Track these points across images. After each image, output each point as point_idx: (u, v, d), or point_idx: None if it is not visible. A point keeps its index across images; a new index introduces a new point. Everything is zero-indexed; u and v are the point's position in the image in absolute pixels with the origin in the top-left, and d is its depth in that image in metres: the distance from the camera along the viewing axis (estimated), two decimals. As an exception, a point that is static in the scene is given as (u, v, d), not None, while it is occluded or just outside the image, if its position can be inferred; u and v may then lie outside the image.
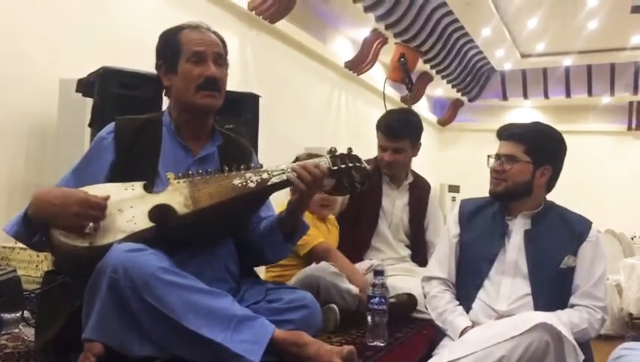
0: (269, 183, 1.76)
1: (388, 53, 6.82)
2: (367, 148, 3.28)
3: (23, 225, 1.66)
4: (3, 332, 2.02)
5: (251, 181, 1.75)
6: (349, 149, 1.88)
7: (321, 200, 2.67)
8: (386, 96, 4.11)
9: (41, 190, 1.66)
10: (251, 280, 1.94)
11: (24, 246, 2.86)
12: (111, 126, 1.88)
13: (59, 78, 3.73)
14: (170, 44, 1.87)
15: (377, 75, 7.79)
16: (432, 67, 7.72)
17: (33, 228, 1.65)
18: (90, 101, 3.28)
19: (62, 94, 3.76)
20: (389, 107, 3.47)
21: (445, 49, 7.31)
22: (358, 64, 7.11)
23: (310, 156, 2.11)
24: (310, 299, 1.81)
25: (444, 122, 10.60)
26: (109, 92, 3.16)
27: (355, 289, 2.38)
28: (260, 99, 3.68)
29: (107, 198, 1.62)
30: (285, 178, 1.77)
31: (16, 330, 2.05)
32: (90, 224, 1.58)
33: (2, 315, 2.05)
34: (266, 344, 1.54)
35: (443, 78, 8.21)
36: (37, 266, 2.94)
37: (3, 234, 2.00)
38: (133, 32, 4.10)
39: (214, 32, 1.93)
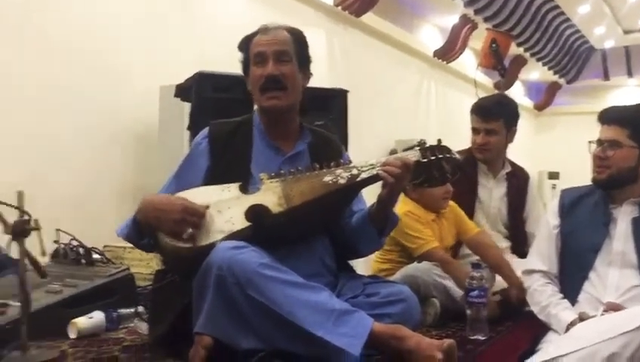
0: (358, 179, 1.78)
1: (478, 39, 6.64)
2: (459, 137, 3.22)
3: (133, 228, 1.78)
4: (121, 326, 2.18)
5: (341, 177, 1.77)
6: (439, 141, 1.86)
7: (444, 193, 2.63)
8: (478, 83, 4.00)
9: (147, 196, 1.78)
10: (348, 274, 1.96)
11: (135, 246, 3.06)
12: (205, 131, 1.97)
13: (159, 86, 3.93)
14: (244, 51, 1.94)
15: (468, 61, 7.60)
16: (525, 50, 7.43)
17: (141, 231, 1.76)
18: (187, 105, 3.44)
19: (162, 100, 3.96)
20: (481, 94, 3.39)
21: (539, 30, 7.01)
22: (447, 52, 6.97)
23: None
24: (408, 293, 1.81)
25: (540, 106, 10.18)
26: (204, 95, 3.30)
27: (458, 293, 2.35)
28: (349, 93, 3.70)
29: (207, 207, 1.71)
30: (375, 173, 1.77)
31: (132, 324, 2.20)
32: (189, 230, 1.66)
33: (119, 310, 2.21)
34: (365, 337, 1.56)
35: (538, 60, 7.88)
36: (147, 264, 3.12)
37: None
38: (225, 35, 4.23)
39: (288, 29, 1.93)
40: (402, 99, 6.66)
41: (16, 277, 1.80)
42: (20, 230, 1.74)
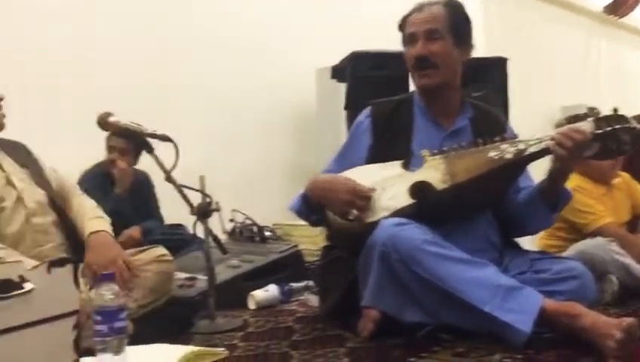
0: (526, 153, 1.71)
1: (656, -12, 5.97)
2: (637, 101, 2.96)
3: (303, 204, 1.89)
4: (293, 299, 2.33)
5: (507, 152, 1.72)
6: (615, 110, 1.73)
7: (613, 163, 2.45)
8: (657, 39, 3.61)
9: (317, 175, 1.88)
10: (514, 250, 1.91)
11: (302, 223, 3.23)
12: (367, 111, 2.01)
13: (315, 68, 4.08)
14: (401, 31, 1.93)
15: (643, 14, 6.87)
16: None
17: (311, 207, 1.86)
18: (343, 85, 3.53)
19: (318, 82, 4.11)
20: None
21: None
22: (620, 6, 6.36)
23: (571, 120, 1.98)
24: (581, 270, 1.72)
25: None
26: (360, 75, 3.36)
27: (639, 270, 2.18)
28: (508, 61, 3.55)
29: (373, 190, 1.75)
30: (544, 146, 1.69)
31: (303, 297, 2.35)
32: (354, 211, 1.72)
33: (291, 284, 2.36)
34: (535, 314, 1.52)
35: None
36: (314, 240, 3.28)
37: (285, 212, 2.31)
38: (381, 12, 4.25)
39: (445, 3, 1.88)
40: (568, 62, 6.21)
41: (201, 254, 2.01)
42: (204, 211, 1.94)
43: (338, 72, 3.60)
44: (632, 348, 1.48)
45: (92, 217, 1.88)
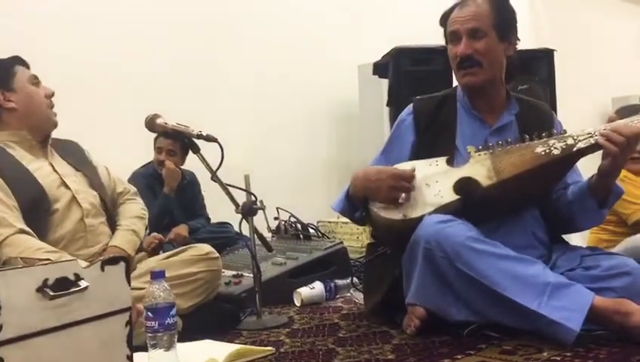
0: (575, 149, 1.67)
1: None
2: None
3: (346, 202, 1.90)
4: (338, 296, 2.34)
5: (555, 148, 1.68)
6: None
7: None
8: None
9: (358, 171, 1.88)
10: (563, 246, 1.87)
11: (346, 221, 3.25)
12: (409, 107, 2.00)
13: (357, 65, 4.08)
14: (443, 27, 1.91)
15: None
16: None
17: (354, 205, 1.87)
18: (385, 82, 3.53)
19: (361, 79, 4.12)
20: None
21: None
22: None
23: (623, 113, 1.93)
24: (633, 266, 1.67)
25: None
26: (402, 70, 3.35)
27: None
28: (555, 53, 3.48)
29: (414, 170, 1.75)
30: (593, 142, 1.65)
31: (348, 294, 2.36)
32: (403, 195, 1.72)
33: (336, 281, 2.38)
34: (585, 311, 1.48)
35: None
36: (357, 238, 3.31)
37: (329, 210, 2.32)
38: (422, 7, 4.22)
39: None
40: (620, 52, 6.01)
41: (247, 252, 2.04)
42: (249, 210, 1.97)
43: (380, 68, 3.60)
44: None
45: (123, 228, 1.93)
